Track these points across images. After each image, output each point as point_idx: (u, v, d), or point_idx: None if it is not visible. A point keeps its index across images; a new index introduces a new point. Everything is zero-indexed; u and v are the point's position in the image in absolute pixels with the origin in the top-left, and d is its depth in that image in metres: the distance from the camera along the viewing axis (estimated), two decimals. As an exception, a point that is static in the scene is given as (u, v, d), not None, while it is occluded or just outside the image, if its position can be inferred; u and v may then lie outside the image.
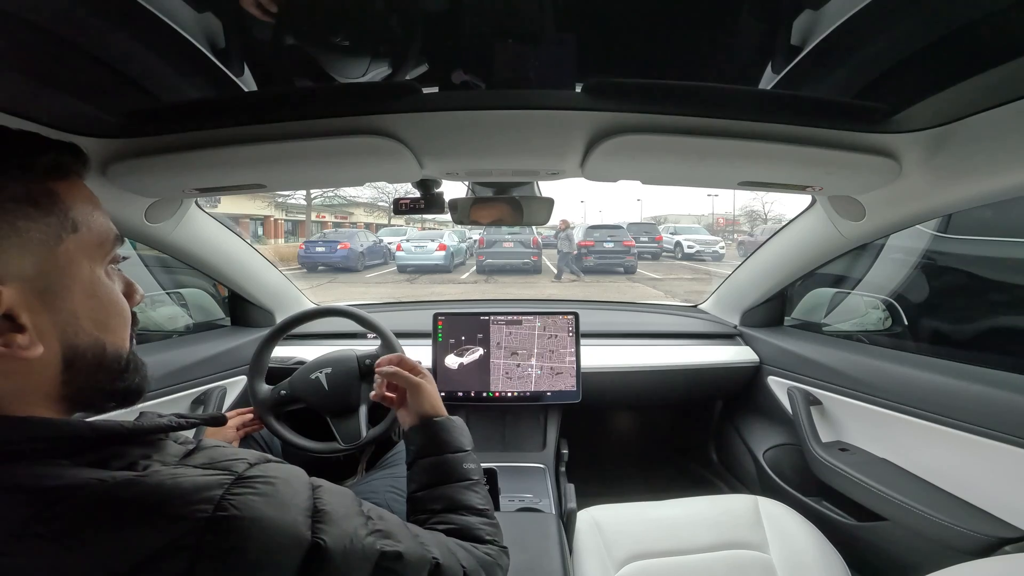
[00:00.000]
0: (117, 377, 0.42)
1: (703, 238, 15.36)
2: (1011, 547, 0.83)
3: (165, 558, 0.32)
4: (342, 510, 0.42)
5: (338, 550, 0.39)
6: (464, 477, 0.62)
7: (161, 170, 0.80)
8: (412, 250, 11.59)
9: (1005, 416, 0.88)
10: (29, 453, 0.34)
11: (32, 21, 0.47)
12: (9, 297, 0.34)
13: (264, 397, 1.11)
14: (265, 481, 0.37)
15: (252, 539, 0.34)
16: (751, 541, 1.01)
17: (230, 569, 0.33)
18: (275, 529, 0.36)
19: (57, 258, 0.37)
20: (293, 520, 0.37)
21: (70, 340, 0.38)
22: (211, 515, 0.33)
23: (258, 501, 0.36)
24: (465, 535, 0.56)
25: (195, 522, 0.33)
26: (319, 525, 0.39)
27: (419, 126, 0.75)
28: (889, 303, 1.44)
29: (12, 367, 0.35)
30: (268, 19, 0.50)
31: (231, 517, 0.34)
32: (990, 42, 0.52)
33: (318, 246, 12.12)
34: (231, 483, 0.36)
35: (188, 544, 0.32)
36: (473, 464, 0.65)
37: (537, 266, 11.14)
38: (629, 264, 11.21)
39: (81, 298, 0.39)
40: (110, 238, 0.42)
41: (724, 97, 0.69)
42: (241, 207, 17.58)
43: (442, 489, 0.61)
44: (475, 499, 0.61)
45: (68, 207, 0.38)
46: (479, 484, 0.64)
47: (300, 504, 0.39)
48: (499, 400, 1.37)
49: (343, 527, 0.40)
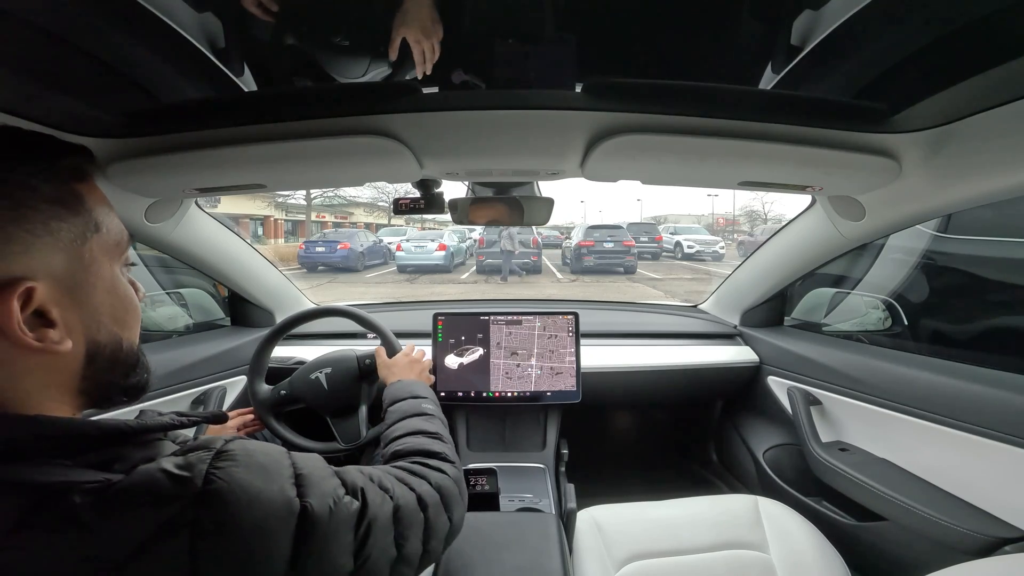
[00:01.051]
0: (130, 372, 0.44)
1: (703, 238, 15.33)
2: (1011, 547, 0.83)
3: (163, 539, 0.32)
4: (318, 472, 0.43)
5: (324, 513, 0.40)
6: (422, 413, 0.76)
7: (161, 170, 0.80)
8: (412, 250, 11.60)
9: (1005, 416, 0.88)
10: (34, 452, 0.34)
11: (32, 21, 0.47)
12: (42, 294, 0.36)
13: (264, 397, 1.11)
14: (244, 451, 0.38)
15: (244, 508, 0.35)
16: (751, 541, 1.01)
17: (229, 542, 0.34)
18: (265, 498, 0.36)
19: (83, 257, 0.39)
20: (280, 487, 0.38)
21: (93, 336, 0.40)
22: (201, 489, 0.34)
23: (242, 471, 0.36)
24: (419, 452, 0.65)
25: (186, 499, 0.34)
26: (303, 489, 0.40)
27: (419, 126, 0.75)
28: (889, 303, 1.44)
29: (40, 362, 0.37)
30: (268, 18, 0.50)
31: (220, 490, 0.35)
32: (990, 42, 0.52)
33: (318, 246, 12.13)
34: (212, 457, 0.36)
35: (185, 521, 0.33)
36: (431, 406, 0.79)
37: (537, 266, 11.16)
38: (629, 264, 11.19)
39: (103, 295, 0.40)
40: (125, 238, 0.45)
41: (724, 97, 0.69)
42: (241, 207, 17.58)
43: (404, 422, 0.73)
44: (428, 426, 0.72)
45: (91, 208, 0.40)
46: (435, 418, 0.76)
47: (283, 471, 0.40)
48: (499, 400, 1.37)
49: (323, 488, 0.42)
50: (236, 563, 0.34)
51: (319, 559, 0.39)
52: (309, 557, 0.38)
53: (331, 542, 0.40)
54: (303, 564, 0.38)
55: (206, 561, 0.33)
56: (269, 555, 0.36)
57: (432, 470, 0.60)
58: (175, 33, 0.50)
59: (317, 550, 0.39)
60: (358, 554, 0.43)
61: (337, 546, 0.41)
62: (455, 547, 0.86)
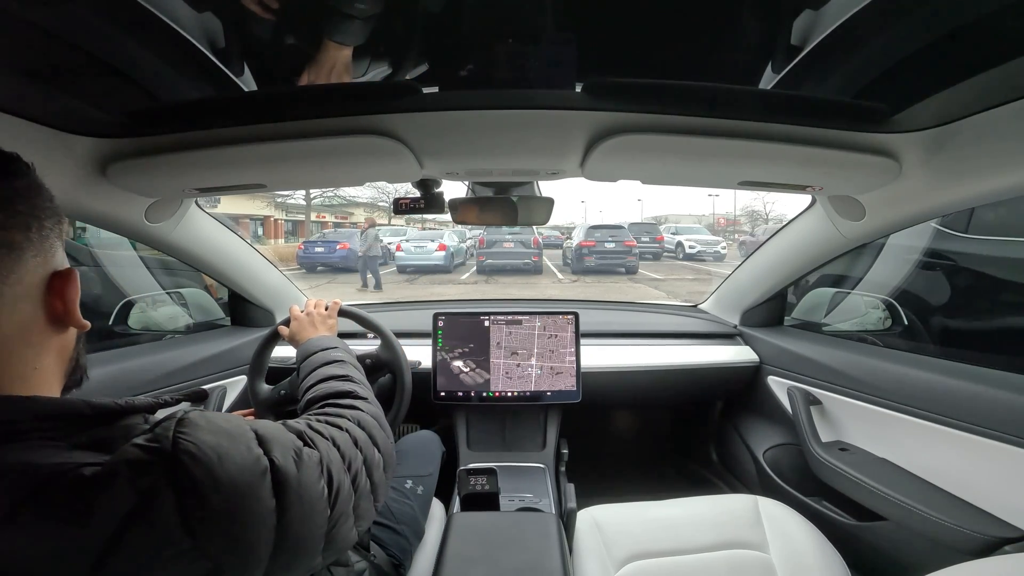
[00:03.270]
0: (80, 354, 0.47)
1: (705, 238, 15.18)
2: (1011, 547, 0.83)
3: (149, 504, 0.33)
4: (274, 430, 0.44)
5: (291, 466, 0.42)
6: (332, 360, 0.77)
7: (161, 170, 0.80)
8: (412, 250, 11.36)
9: (1005, 416, 0.88)
10: (32, 432, 0.35)
11: (32, 21, 0.47)
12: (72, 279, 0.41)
13: (264, 397, 1.11)
14: (204, 418, 0.39)
15: (215, 465, 0.36)
16: (751, 541, 1.01)
17: (210, 497, 0.35)
18: (236, 455, 0.38)
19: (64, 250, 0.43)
20: (247, 446, 0.39)
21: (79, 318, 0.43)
22: (171, 452, 0.35)
23: (205, 434, 0.37)
24: (332, 395, 0.67)
25: (160, 465, 0.34)
26: (266, 446, 0.41)
27: (419, 126, 0.75)
28: (889, 303, 1.44)
29: (58, 342, 0.42)
30: (269, 16, 0.50)
31: (189, 450, 0.36)
32: (990, 42, 0.52)
33: (317, 246, 11.90)
34: (176, 424, 0.37)
35: (164, 483, 0.34)
36: (340, 353, 0.80)
37: (538, 267, 10.94)
38: (631, 265, 10.95)
39: None
40: None
41: (724, 97, 0.69)
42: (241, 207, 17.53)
43: (315, 372, 0.75)
44: (337, 370, 0.74)
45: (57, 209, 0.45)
46: (345, 363, 0.77)
47: (245, 434, 0.41)
48: (499, 400, 1.37)
49: (283, 443, 0.43)
50: (225, 518, 0.35)
51: (300, 508, 0.41)
52: (291, 507, 0.40)
53: (306, 490, 0.42)
54: (288, 515, 0.39)
55: (195, 517, 0.34)
56: (253, 509, 0.37)
57: (346, 408, 0.62)
58: (175, 33, 0.50)
59: (296, 499, 0.41)
60: (329, 497, 0.45)
61: (312, 493, 0.43)
62: (455, 547, 0.86)
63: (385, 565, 0.84)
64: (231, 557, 0.36)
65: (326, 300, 1.05)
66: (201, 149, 0.76)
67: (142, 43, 0.53)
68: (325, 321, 0.98)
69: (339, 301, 1.06)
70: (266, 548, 0.38)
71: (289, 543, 0.40)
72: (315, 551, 0.44)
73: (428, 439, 1.27)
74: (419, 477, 1.10)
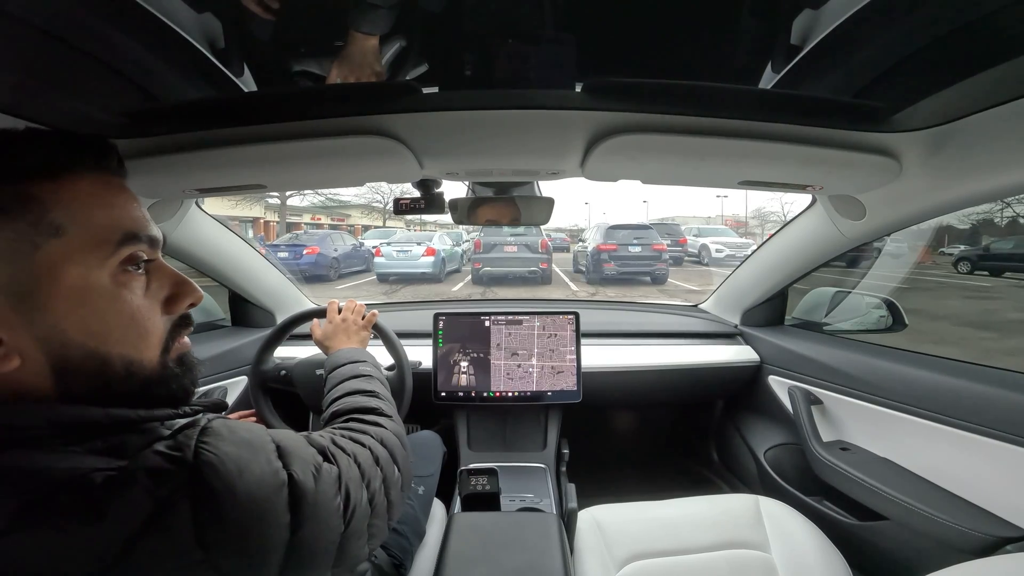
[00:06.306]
0: (143, 387, 0.41)
1: (733, 240, 13.24)
2: (1012, 546, 0.83)
3: (165, 513, 0.32)
4: (295, 443, 0.44)
5: (309, 481, 0.41)
6: (359, 375, 0.77)
7: (161, 170, 0.80)
8: (394, 255, 9.51)
9: (1006, 415, 0.88)
10: (48, 439, 0.34)
11: (32, 21, 0.47)
12: None
13: (266, 367, 1.17)
14: (227, 428, 0.39)
15: (235, 477, 0.35)
16: (752, 541, 1.00)
17: (227, 509, 0.34)
18: (255, 468, 0.37)
19: (34, 266, 0.35)
20: (266, 459, 0.39)
21: (56, 351, 0.36)
22: (192, 462, 0.34)
23: (228, 444, 0.37)
24: (357, 409, 0.67)
25: (181, 474, 0.34)
26: (286, 460, 0.41)
27: (419, 126, 0.75)
28: (889, 302, 1.44)
29: None
30: (269, 16, 0.50)
31: (210, 461, 0.35)
32: (990, 42, 0.52)
33: (280, 251, 10.13)
34: (199, 433, 0.37)
35: (183, 493, 0.33)
36: (368, 367, 0.80)
37: (547, 275, 8.98)
38: (659, 273, 8.99)
39: (66, 308, 0.36)
40: (114, 237, 0.39)
41: (724, 96, 0.69)
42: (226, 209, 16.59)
43: (341, 385, 0.74)
44: (364, 385, 0.74)
45: (48, 209, 0.36)
46: (372, 378, 0.77)
47: (266, 446, 0.40)
48: (500, 400, 1.37)
49: (303, 457, 0.43)
50: (239, 532, 0.35)
51: (315, 524, 0.41)
52: (306, 523, 0.40)
53: (321, 507, 0.42)
54: (301, 531, 0.39)
55: (210, 531, 0.34)
56: (268, 522, 0.37)
57: (370, 425, 0.62)
58: (175, 33, 0.50)
59: (312, 515, 0.40)
60: (344, 514, 0.45)
61: (327, 510, 0.43)
62: (456, 547, 0.86)
63: (386, 565, 0.84)
64: (241, 571, 0.35)
65: (364, 307, 1.05)
66: (201, 150, 0.76)
67: (142, 44, 0.53)
68: (359, 332, 0.97)
69: (376, 313, 1.05)
70: (276, 562, 0.38)
71: (300, 558, 0.39)
72: (325, 566, 0.43)
73: (429, 439, 1.27)
74: (420, 477, 1.10)
